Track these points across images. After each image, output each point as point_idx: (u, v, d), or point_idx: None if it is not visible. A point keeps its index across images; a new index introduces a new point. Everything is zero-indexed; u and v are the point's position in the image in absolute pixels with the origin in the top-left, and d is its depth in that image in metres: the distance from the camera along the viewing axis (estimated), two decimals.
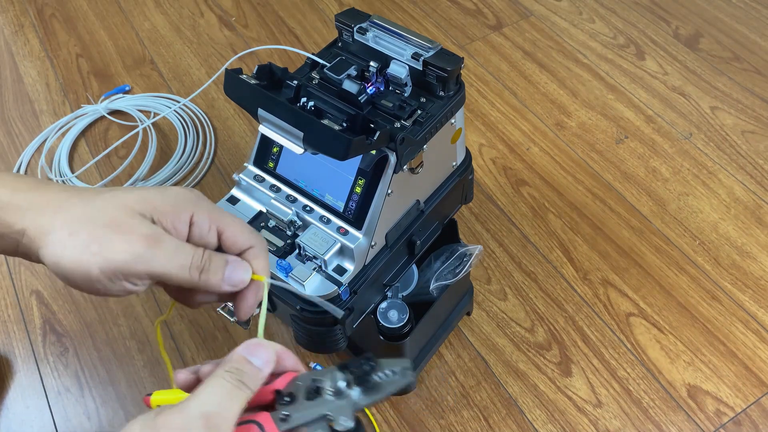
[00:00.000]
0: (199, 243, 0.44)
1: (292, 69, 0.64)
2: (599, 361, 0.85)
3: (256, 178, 0.66)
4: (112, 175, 1.07)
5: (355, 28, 0.65)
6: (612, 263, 0.94)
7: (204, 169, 1.09)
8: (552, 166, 1.06)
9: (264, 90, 0.57)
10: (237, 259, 0.45)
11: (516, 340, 0.87)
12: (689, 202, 1.00)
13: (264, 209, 0.65)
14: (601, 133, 1.10)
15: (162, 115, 1.16)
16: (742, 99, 1.14)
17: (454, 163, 0.70)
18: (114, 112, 1.19)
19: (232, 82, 0.58)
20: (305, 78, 0.64)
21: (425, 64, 0.62)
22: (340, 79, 0.61)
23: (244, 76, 0.58)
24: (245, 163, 0.68)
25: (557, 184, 1.03)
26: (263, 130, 0.58)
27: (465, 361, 0.86)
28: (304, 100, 0.60)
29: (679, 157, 1.06)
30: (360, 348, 0.82)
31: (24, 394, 0.86)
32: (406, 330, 0.73)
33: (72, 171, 1.10)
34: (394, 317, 0.72)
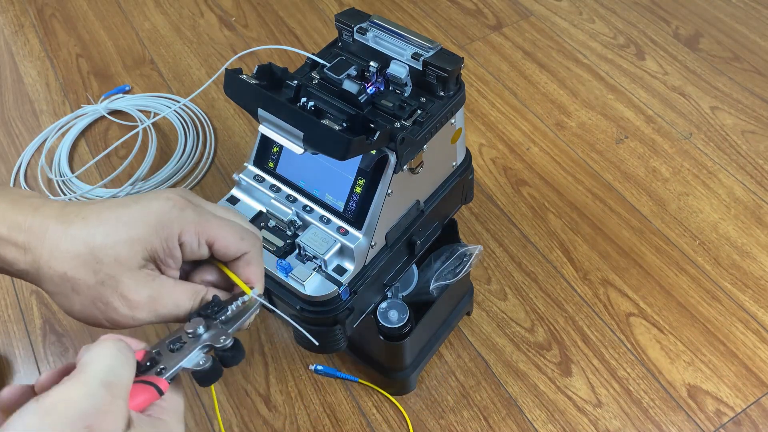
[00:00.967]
0: (192, 258, 0.45)
1: (292, 69, 0.64)
2: (599, 361, 0.85)
3: (256, 178, 0.66)
4: (112, 175, 1.07)
5: (355, 28, 0.65)
6: (612, 263, 0.94)
7: (204, 169, 1.09)
8: (552, 166, 1.06)
9: (264, 90, 0.57)
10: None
11: (516, 340, 0.87)
12: (689, 202, 1.00)
13: (264, 209, 0.65)
14: (601, 133, 1.10)
15: (162, 115, 1.16)
16: (742, 99, 1.14)
17: (454, 163, 0.70)
18: (114, 112, 1.19)
19: (232, 82, 0.58)
20: (305, 78, 0.64)
21: (425, 64, 0.62)
22: (340, 79, 0.61)
23: (244, 76, 0.58)
24: (245, 163, 0.68)
25: (557, 184, 1.03)
26: (263, 130, 0.58)
27: (465, 361, 0.86)
28: (304, 100, 0.60)
29: (679, 157, 1.06)
30: (360, 348, 0.82)
31: None
32: (406, 330, 0.73)
33: (72, 171, 1.10)
34: (394, 317, 0.72)
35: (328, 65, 0.63)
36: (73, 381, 0.35)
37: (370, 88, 0.62)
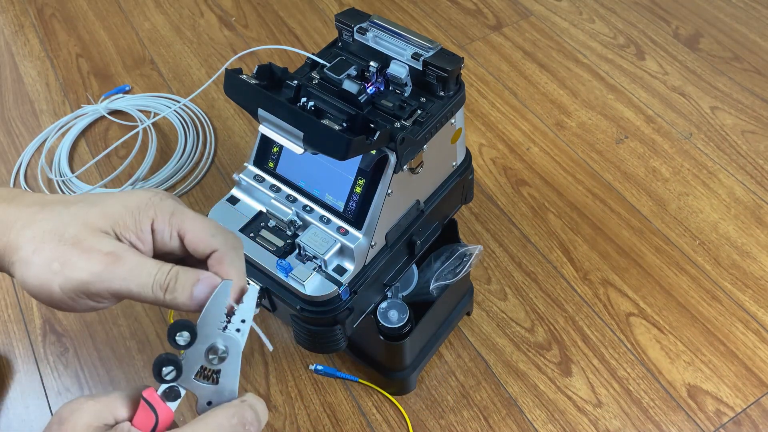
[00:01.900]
0: (164, 251, 0.43)
1: (292, 69, 0.65)
2: (599, 361, 0.85)
3: (256, 178, 0.66)
4: (112, 175, 1.07)
5: (355, 28, 0.65)
6: (612, 263, 0.94)
7: (204, 169, 1.09)
8: (552, 166, 1.06)
9: (264, 90, 0.57)
10: (209, 275, 0.42)
11: (516, 340, 0.87)
12: (689, 202, 1.00)
13: (264, 209, 0.65)
14: (601, 133, 1.10)
15: (162, 115, 1.16)
16: (742, 99, 1.14)
17: (454, 163, 0.70)
18: (114, 112, 1.19)
19: (232, 82, 0.58)
20: (305, 78, 0.64)
21: (425, 64, 0.62)
22: (340, 79, 0.61)
23: (244, 76, 0.58)
24: (245, 163, 0.68)
25: (557, 184, 1.03)
26: (263, 130, 0.58)
27: (465, 361, 0.86)
28: (304, 100, 0.60)
29: (679, 157, 1.06)
30: (360, 348, 0.82)
31: (24, 394, 0.86)
32: (406, 330, 0.73)
33: (72, 171, 1.10)
34: (394, 317, 0.72)
35: (328, 65, 0.63)
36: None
37: (370, 88, 0.62)
